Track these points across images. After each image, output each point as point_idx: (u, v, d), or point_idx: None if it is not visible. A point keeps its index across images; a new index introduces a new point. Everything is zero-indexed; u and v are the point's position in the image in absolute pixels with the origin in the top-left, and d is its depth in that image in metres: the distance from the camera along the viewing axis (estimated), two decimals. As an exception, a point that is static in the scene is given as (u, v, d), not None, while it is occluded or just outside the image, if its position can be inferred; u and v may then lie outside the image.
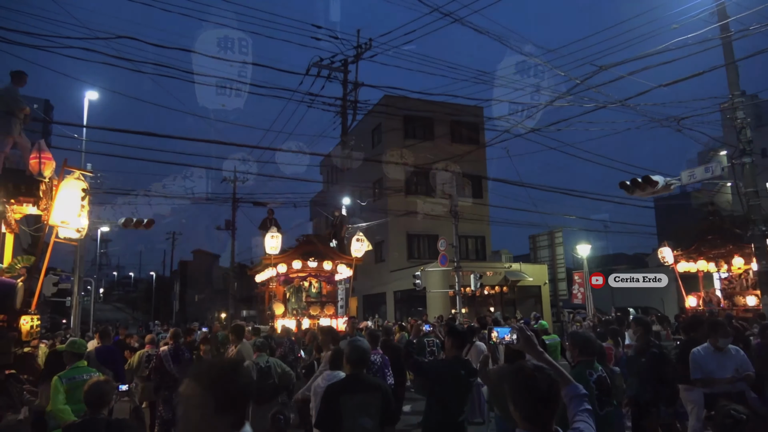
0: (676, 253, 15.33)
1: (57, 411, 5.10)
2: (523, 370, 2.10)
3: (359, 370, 3.86)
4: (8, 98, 8.05)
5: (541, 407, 2.02)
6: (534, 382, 2.03)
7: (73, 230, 8.91)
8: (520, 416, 2.07)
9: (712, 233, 14.72)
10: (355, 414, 3.50)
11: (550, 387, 2.04)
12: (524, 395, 2.04)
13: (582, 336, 4.18)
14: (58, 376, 5.35)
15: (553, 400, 2.03)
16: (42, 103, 51.69)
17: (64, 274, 20.19)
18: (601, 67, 11.63)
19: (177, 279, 63.24)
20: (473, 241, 28.81)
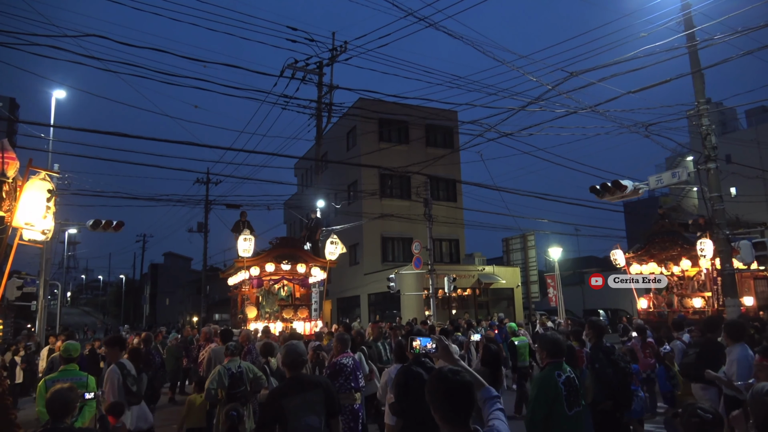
0: (627, 256, 15.71)
1: (39, 413, 5.13)
2: (441, 375, 2.22)
3: (297, 372, 3.98)
4: (-30, 96, 7.81)
5: (459, 408, 2.14)
6: (452, 385, 2.16)
7: (38, 232, 8.65)
8: (440, 418, 2.18)
9: (660, 236, 15.11)
10: (299, 414, 3.57)
11: (467, 389, 2.18)
12: (443, 398, 2.16)
13: (550, 338, 4.23)
14: (44, 379, 5.30)
15: (469, 402, 2.17)
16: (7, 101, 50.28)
17: (30, 277, 19.62)
18: (572, 73, 11.84)
19: (147, 282, 62.18)
20: (447, 244, 29.00)
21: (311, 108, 18.69)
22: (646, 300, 15.30)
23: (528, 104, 13.46)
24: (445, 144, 29.07)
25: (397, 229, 26.70)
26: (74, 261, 75.85)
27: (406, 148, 27.53)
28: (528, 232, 29.17)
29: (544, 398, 3.89)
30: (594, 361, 5.79)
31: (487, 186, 17.46)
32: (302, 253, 14.17)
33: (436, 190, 26.58)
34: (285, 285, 14.70)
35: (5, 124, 35.15)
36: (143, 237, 54.52)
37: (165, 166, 13.06)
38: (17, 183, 8.05)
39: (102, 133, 11.33)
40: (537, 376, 4.27)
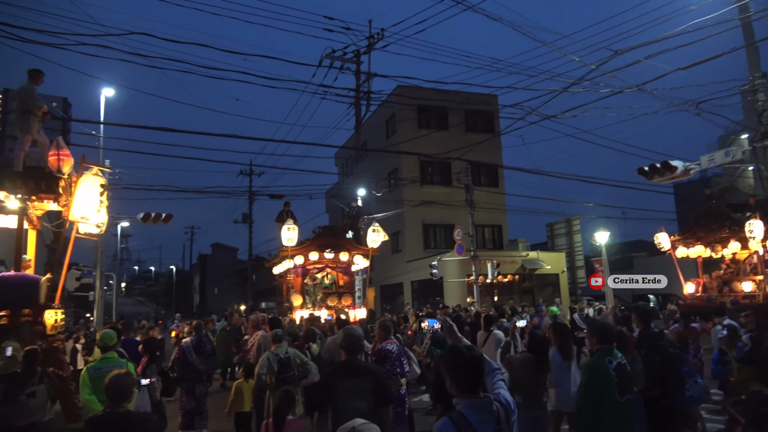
0: (673, 239, 15.11)
1: (84, 402, 5.30)
2: (458, 351, 2.56)
3: (353, 356, 4.04)
4: (26, 97, 8.16)
5: (473, 378, 2.49)
6: (467, 359, 2.50)
7: (92, 225, 9.06)
8: (456, 388, 2.50)
9: (707, 218, 14.48)
10: (349, 397, 3.63)
11: (480, 363, 2.54)
12: (459, 370, 2.49)
13: (600, 323, 4.14)
14: (87, 368, 5.50)
15: (481, 373, 2.54)
16: (60, 101, 52.36)
17: (87, 269, 20.52)
18: (617, 51, 11.45)
19: (196, 272, 64.09)
20: (490, 230, 28.70)
21: (350, 97, 18.76)
22: (693, 284, 14.74)
23: (571, 85, 13.12)
24: (486, 129, 28.65)
25: (438, 216, 26.58)
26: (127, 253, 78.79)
27: (446, 135, 27.27)
28: (573, 217, 28.54)
29: (594, 385, 3.81)
30: (641, 348, 5.65)
31: (529, 170, 17.18)
32: (345, 242, 14.29)
33: (477, 175, 26.29)
34: (328, 273, 14.88)
35: (59, 123, 36.67)
36: (191, 229, 56.29)
37: (210, 159, 13.46)
38: (72, 179, 8.42)
39: (149, 129, 11.70)
40: (586, 362, 4.19)
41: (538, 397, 5.37)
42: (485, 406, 2.43)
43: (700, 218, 14.76)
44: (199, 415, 8.63)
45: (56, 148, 8.25)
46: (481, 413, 2.41)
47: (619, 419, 3.79)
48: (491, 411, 2.44)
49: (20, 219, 7.89)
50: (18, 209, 7.78)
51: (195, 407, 8.62)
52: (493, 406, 2.46)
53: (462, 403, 2.46)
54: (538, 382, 5.38)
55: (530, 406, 5.34)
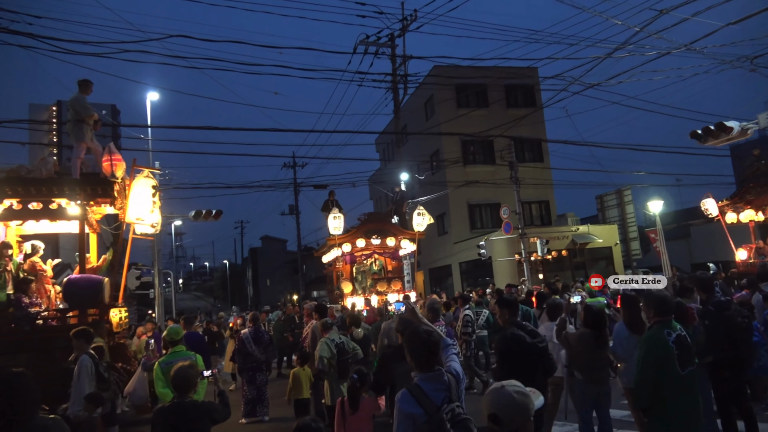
0: (720, 204, 14.32)
1: (159, 394, 5.63)
2: (418, 333, 2.97)
3: None
4: (77, 106, 8.50)
5: (429, 356, 2.88)
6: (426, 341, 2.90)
7: (148, 226, 9.43)
8: (415, 364, 2.91)
9: (756, 180, 13.67)
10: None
11: (436, 344, 2.94)
12: (419, 349, 2.89)
13: (656, 295, 4.01)
14: (158, 362, 5.79)
15: (434, 351, 2.92)
16: (109, 108, 54.38)
17: (145, 268, 21.37)
18: (662, 11, 10.91)
19: (248, 265, 65.74)
20: (537, 206, 28.17)
21: (386, 82, 18.68)
22: (746, 251, 13.98)
23: (614, 51, 12.63)
24: (527, 103, 27.99)
25: (483, 195, 26.26)
26: (182, 250, 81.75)
27: (486, 112, 26.80)
28: (624, 187, 27.63)
29: (653, 358, 3.71)
30: (703, 318, 5.45)
31: (575, 143, 16.71)
32: (390, 227, 14.34)
33: (521, 151, 25.79)
34: (376, 259, 14.99)
35: (110, 130, 38.13)
36: (241, 223, 57.61)
37: (253, 153, 13.71)
38: (125, 182, 8.77)
39: (194, 128, 12.03)
40: (644, 335, 4.07)
41: (599, 372, 5.27)
42: (438, 377, 2.84)
43: (748, 180, 13.98)
44: (260, 403, 8.93)
45: (109, 154, 8.60)
46: (434, 383, 2.82)
47: (682, 392, 3.68)
48: (443, 381, 2.84)
49: (81, 224, 8.28)
50: (79, 215, 8.16)
51: (256, 395, 8.92)
52: (444, 377, 2.85)
53: (419, 376, 2.87)
54: (597, 358, 5.27)
55: (592, 381, 5.27)
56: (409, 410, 2.75)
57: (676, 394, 3.66)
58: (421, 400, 2.74)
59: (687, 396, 3.70)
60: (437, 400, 2.76)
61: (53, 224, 8.94)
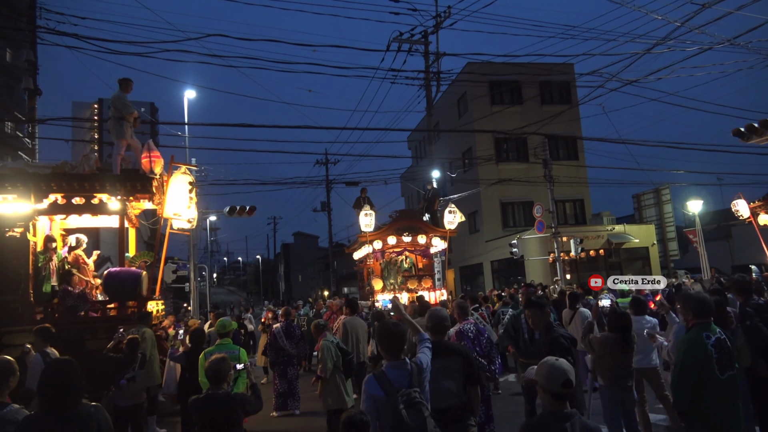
0: (752, 206, 13.68)
1: (201, 383, 5.77)
2: (387, 325, 3.42)
3: (440, 337, 4.12)
4: (118, 104, 8.75)
5: (396, 347, 3.32)
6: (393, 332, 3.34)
7: (184, 221, 9.65)
8: (384, 352, 3.35)
9: None
10: (438, 377, 3.74)
11: (402, 336, 3.36)
12: (387, 340, 3.32)
13: (695, 297, 3.89)
14: (204, 352, 5.96)
15: (401, 343, 3.34)
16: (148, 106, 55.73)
17: (181, 262, 21.91)
18: (705, 5, 10.59)
19: (281, 261, 66.60)
20: (571, 204, 27.70)
21: (419, 79, 18.63)
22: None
23: (654, 46, 12.32)
24: (562, 100, 27.54)
25: (516, 193, 25.97)
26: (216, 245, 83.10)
27: (521, 109, 26.48)
28: (662, 186, 26.93)
29: (691, 362, 3.61)
30: (745, 319, 5.28)
31: (611, 140, 16.35)
32: (422, 224, 14.32)
33: (555, 149, 25.37)
34: (407, 256, 14.99)
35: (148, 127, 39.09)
36: (274, 219, 58.42)
37: (287, 150, 13.89)
38: (163, 178, 8.99)
39: (230, 126, 12.26)
40: (683, 338, 3.97)
41: (623, 379, 5.14)
42: (402, 365, 3.25)
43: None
44: (291, 397, 9.05)
45: (147, 151, 8.84)
46: (398, 371, 3.23)
47: (721, 397, 3.58)
48: (406, 369, 3.24)
49: (121, 218, 8.53)
50: (119, 210, 8.41)
51: (288, 389, 9.05)
52: (408, 366, 3.25)
53: (387, 364, 3.30)
54: (622, 363, 5.14)
55: (615, 387, 5.14)
56: (372, 392, 3.15)
57: (715, 398, 3.57)
58: (383, 384, 3.15)
59: (726, 401, 3.60)
60: (398, 384, 3.15)
61: (95, 219, 9.26)
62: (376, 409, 3.09)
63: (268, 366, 11.56)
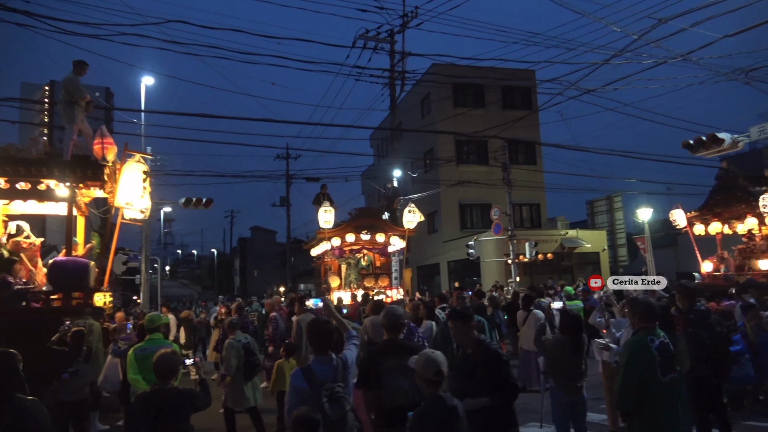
0: (689, 216, 14.37)
1: (130, 380, 5.58)
2: (316, 322, 3.62)
3: (395, 335, 4.12)
4: (71, 87, 8.41)
5: (324, 343, 3.48)
6: (322, 328, 3.54)
7: (137, 211, 9.37)
8: (314, 349, 3.55)
9: (724, 192, 13.62)
10: (393, 375, 3.77)
11: (330, 332, 3.54)
12: (314, 337, 3.52)
13: (642, 302, 4.04)
14: (133, 349, 5.74)
15: (328, 340, 3.51)
16: (103, 90, 53.94)
17: (132, 253, 21.25)
18: (661, 20, 10.98)
19: (237, 255, 65.57)
20: (528, 208, 28.29)
21: (384, 77, 18.64)
22: (711, 263, 14.01)
23: (612, 57, 12.70)
24: (523, 105, 28.07)
25: (475, 195, 26.32)
26: (171, 237, 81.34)
27: (483, 112, 26.85)
28: (614, 194, 27.82)
29: (636, 364, 3.74)
30: (687, 325, 5.49)
31: (569, 147, 16.78)
32: (381, 223, 14.33)
33: (515, 153, 25.83)
34: (365, 254, 14.98)
35: (103, 113, 37.80)
36: (231, 213, 57.52)
37: (247, 143, 13.62)
38: (116, 166, 8.70)
39: (188, 115, 11.95)
40: (628, 341, 4.11)
41: (573, 381, 5.20)
42: (327, 361, 3.43)
43: (716, 192, 13.94)
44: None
45: (100, 137, 8.52)
46: (323, 365, 3.41)
47: (663, 399, 3.72)
48: (331, 364, 3.42)
49: (69, 206, 8.20)
50: (67, 197, 8.09)
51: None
52: (333, 361, 3.44)
53: (313, 358, 3.48)
54: (572, 365, 5.19)
55: (565, 389, 5.20)
56: (297, 384, 3.34)
57: (657, 400, 3.70)
58: (309, 378, 3.32)
59: (667, 402, 3.74)
60: (323, 378, 3.33)
61: (41, 205, 8.85)
62: (300, 401, 3.21)
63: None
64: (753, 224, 12.94)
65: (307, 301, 9.95)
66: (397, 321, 4.14)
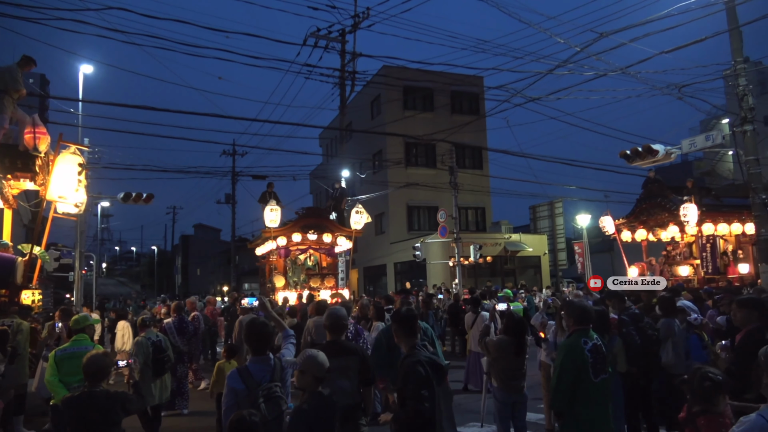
0: (617, 223, 15.10)
1: (46, 382, 5.26)
2: (253, 323, 3.57)
3: (337, 336, 4.13)
4: (8, 77, 7.93)
5: (261, 343, 3.45)
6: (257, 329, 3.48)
7: (71, 205, 8.91)
8: (251, 349, 3.50)
9: (649, 200, 14.33)
10: (334, 376, 3.74)
11: (267, 333, 3.49)
12: (252, 336, 3.48)
13: (577, 305, 4.18)
14: (55, 350, 5.45)
15: (265, 341, 3.47)
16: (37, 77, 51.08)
17: (66, 249, 20.24)
18: (602, 33, 11.44)
19: (179, 253, 63.64)
20: (473, 212, 28.84)
21: (335, 77, 18.55)
22: (637, 268, 14.74)
23: (556, 67, 13.11)
24: (471, 110, 28.62)
25: (422, 197, 26.62)
26: (108, 233, 77.81)
27: (432, 116, 27.19)
28: (555, 199, 28.77)
29: (570, 365, 3.86)
30: (621, 327, 5.74)
31: (513, 153, 17.19)
32: (328, 223, 14.26)
33: (461, 157, 26.29)
34: (311, 254, 14.86)
35: (37, 101, 35.81)
36: (173, 209, 55.68)
37: (192, 138, 13.26)
38: (49, 157, 8.25)
39: (129, 107, 11.46)
40: (563, 343, 4.25)
41: (515, 381, 5.35)
42: (264, 361, 3.40)
43: (643, 201, 14.65)
44: (180, 396, 8.66)
45: (32, 126, 8.06)
46: (260, 365, 3.38)
47: (594, 399, 3.85)
48: (269, 364, 3.40)
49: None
50: (-7, 188, 7.61)
51: (176, 388, 8.63)
52: (270, 361, 3.42)
53: (250, 359, 3.46)
54: (514, 366, 5.35)
55: (507, 389, 5.33)
56: (233, 385, 3.30)
57: (588, 400, 3.84)
58: (245, 378, 3.30)
59: (597, 403, 3.88)
60: (260, 379, 3.30)
61: (-37, 197, 8.30)
62: (236, 402, 3.21)
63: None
64: (674, 232, 13.63)
65: (242, 300, 9.74)
66: (339, 322, 4.14)
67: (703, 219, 12.59)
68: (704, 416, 2.98)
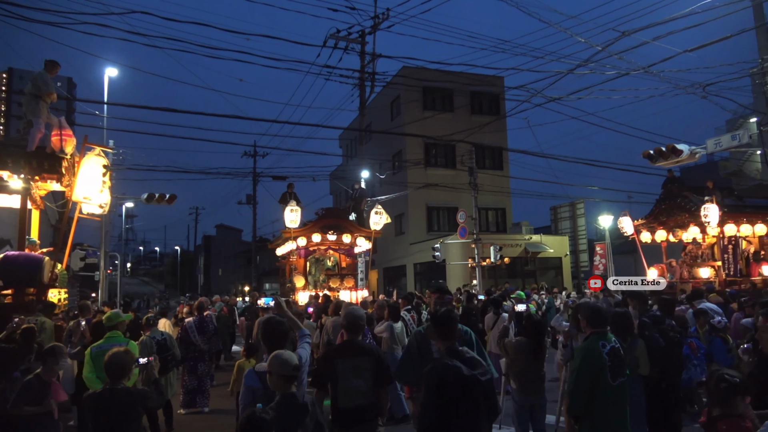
0: (636, 224, 14.81)
1: (84, 379, 5.45)
2: (270, 321, 3.74)
3: (354, 336, 4.11)
4: (40, 82, 8.16)
5: (278, 341, 3.51)
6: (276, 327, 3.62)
7: (95, 206, 9.12)
8: (267, 348, 3.57)
9: (668, 201, 14.07)
10: (348, 376, 3.78)
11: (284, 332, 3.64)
12: (271, 336, 3.56)
13: (591, 307, 4.13)
14: (90, 347, 5.61)
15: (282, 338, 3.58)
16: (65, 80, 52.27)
17: (92, 249, 20.65)
18: (624, 32, 11.30)
19: (201, 253, 64.45)
20: (493, 213, 28.66)
21: (354, 78, 18.62)
22: (657, 270, 14.46)
23: (577, 67, 13.00)
24: (491, 111, 28.46)
25: (442, 198, 26.54)
26: (132, 233, 79.25)
27: (451, 116, 27.10)
28: (577, 200, 28.45)
29: (587, 369, 3.82)
30: (643, 329, 5.66)
31: (534, 153, 17.09)
32: (347, 224, 14.32)
33: (481, 158, 26.16)
34: (331, 255, 14.94)
35: (64, 103, 36.65)
36: (195, 210, 56.43)
37: (213, 140, 13.51)
38: (75, 159, 8.44)
39: (153, 109, 11.68)
40: (580, 346, 4.20)
41: (534, 383, 5.31)
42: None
43: (662, 202, 14.40)
44: (200, 394, 8.77)
45: (59, 128, 8.26)
46: None
47: (612, 403, 3.81)
48: None
49: (23, 199, 7.93)
50: (21, 189, 7.81)
51: (197, 386, 8.76)
52: None
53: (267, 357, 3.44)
54: (533, 368, 5.31)
55: (526, 392, 5.29)
56: (250, 384, 3.41)
57: (607, 403, 3.80)
58: (262, 378, 3.32)
59: (615, 406, 3.84)
60: None
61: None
62: (253, 401, 3.25)
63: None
64: (695, 233, 13.36)
65: (258, 300, 9.84)
66: (356, 322, 4.13)
67: (725, 220, 12.33)
68: (724, 420, 2.93)
